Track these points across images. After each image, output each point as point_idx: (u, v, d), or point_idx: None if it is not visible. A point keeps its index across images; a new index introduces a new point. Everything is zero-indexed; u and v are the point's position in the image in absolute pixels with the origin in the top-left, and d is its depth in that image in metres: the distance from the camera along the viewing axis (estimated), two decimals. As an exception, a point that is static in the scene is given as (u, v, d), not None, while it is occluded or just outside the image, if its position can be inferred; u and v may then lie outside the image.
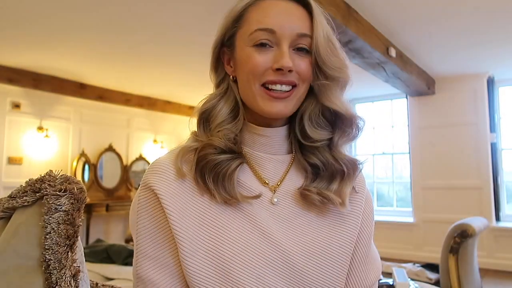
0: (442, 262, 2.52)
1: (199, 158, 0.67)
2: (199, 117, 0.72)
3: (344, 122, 0.71)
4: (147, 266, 0.65)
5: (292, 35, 0.67)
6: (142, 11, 2.97)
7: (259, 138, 0.72)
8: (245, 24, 0.69)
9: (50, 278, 0.67)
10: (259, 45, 0.67)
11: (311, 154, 0.72)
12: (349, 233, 0.71)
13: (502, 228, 4.59)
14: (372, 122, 5.86)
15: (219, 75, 0.75)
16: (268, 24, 0.67)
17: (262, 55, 0.67)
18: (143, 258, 0.65)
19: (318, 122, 0.72)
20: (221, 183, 0.66)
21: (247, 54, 0.68)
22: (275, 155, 0.73)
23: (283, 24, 0.67)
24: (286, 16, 0.68)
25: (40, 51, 3.85)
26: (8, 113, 4.52)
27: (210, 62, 0.75)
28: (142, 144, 6.02)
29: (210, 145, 0.67)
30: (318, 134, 0.71)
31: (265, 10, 0.68)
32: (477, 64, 4.43)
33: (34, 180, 0.72)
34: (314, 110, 0.72)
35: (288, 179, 0.73)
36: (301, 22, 0.68)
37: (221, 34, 0.72)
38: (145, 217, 0.66)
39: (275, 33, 0.66)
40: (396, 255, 4.96)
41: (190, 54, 3.90)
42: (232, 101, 0.72)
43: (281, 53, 0.66)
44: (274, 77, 0.66)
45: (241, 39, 0.69)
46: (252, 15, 0.69)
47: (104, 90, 5.21)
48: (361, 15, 3.08)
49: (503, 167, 4.86)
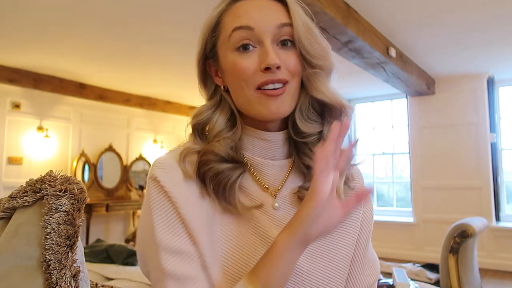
0: (442, 262, 2.52)
1: (201, 164, 0.65)
2: (193, 129, 0.70)
3: (333, 112, 0.69)
4: (175, 261, 0.60)
5: (272, 29, 0.65)
6: (143, 12, 2.97)
7: (259, 142, 0.71)
8: (223, 31, 0.67)
9: (50, 278, 0.67)
10: (241, 48, 0.65)
11: (305, 155, 0.71)
12: (350, 234, 0.71)
13: (502, 228, 4.59)
14: (372, 122, 5.86)
15: (210, 88, 0.73)
16: (244, 22, 0.65)
17: (246, 58, 0.65)
18: (167, 253, 0.60)
19: (309, 115, 0.70)
20: (221, 193, 0.65)
21: (231, 61, 0.66)
22: (275, 160, 0.72)
23: (260, 19, 0.65)
24: (261, 12, 0.66)
25: (40, 51, 3.85)
26: (8, 113, 4.52)
27: (197, 77, 0.73)
28: (142, 144, 6.02)
29: (212, 152, 0.65)
30: (308, 127, 0.69)
31: (239, 11, 0.66)
32: (477, 64, 4.43)
33: (35, 180, 0.72)
34: (304, 103, 0.70)
35: (288, 184, 0.72)
36: (278, 13, 0.66)
37: (202, 46, 0.70)
38: (159, 211, 0.63)
39: (253, 30, 0.64)
40: (396, 255, 4.96)
41: (190, 54, 3.88)
42: (227, 111, 0.70)
43: (265, 51, 0.64)
44: (264, 77, 0.64)
45: (223, 47, 0.67)
46: (227, 19, 0.67)
47: (104, 90, 5.21)
48: (361, 15, 3.08)
49: (503, 167, 4.86)
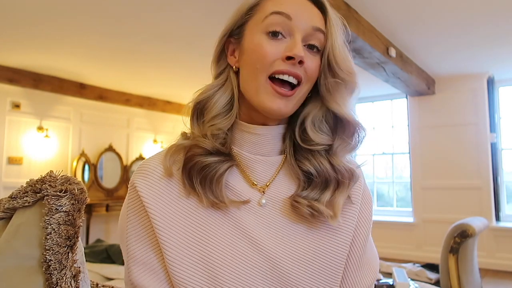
0: (442, 262, 2.52)
1: (187, 159, 0.65)
2: (194, 108, 0.70)
3: (346, 130, 0.69)
4: (138, 272, 0.63)
5: (307, 27, 0.65)
6: (142, 12, 2.97)
7: (249, 136, 0.69)
8: (260, 11, 0.67)
9: (50, 278, 0.67)
10: (271, 33, 0.64)
11: (306, 159, 0.69)
12: (340, 244, 0.68)
13: (502, 228, 4.59)
14: (372, 122, 5.86)
15: (220, 66, 0.72)
16: (286, 9, 0.64)
17: (273, 44, 0.64)
18: (133, 263, 0.63)
19: (321, 126, 0.69)
20: (208, 186, 0.64)
21: (257, 42, 0.65)
22: (265, 156, 0.71)
23: (301, 13, 0.65)
24: (303, 7, 0.66)
25: (40, 51, 3.85)
26: (8, 113, 4.52)
27: (214, 52, 0.72)
28: (142, 144, 6.02)
29: (198, 146, 0.65)
30: (319, 137, 0.68)
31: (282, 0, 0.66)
32: (477, 64, 4.43)
33: (35, 181, 0.72)
34: (317, 114, 0.69)
35: (277, 182, 0.70)
36: (317, 18, 0.67)
37: (231, 23, 0.70)
38: (133, 219, 0.64)
39: (291, 20, 0.64)
40: (396, 255, 4.96)
41: (190, 54, 3.90)
42: (229, 93, 0.69)
43: (294, 42, 0.64)
44: (283, 66, 0.63)
45: (253, 26, 0.67)
46: (268, 3, 0.67)
47: (104, 90, 5.21)
48: (361, 15, 3.08)
49: (503, 167, 4.86)
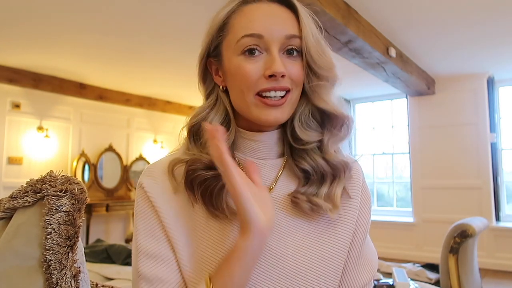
0: (442, 262, 2.52)
1: (188, 172, 0.66)
2: (189, 132, 0.71)
3: (334, 122, 0.70)
4: (151, 264, 0.64)
5: (281, 38, 0.65)
6: (142, 12, 2.97)
7: (250, 143, 0.71)
8: (230, 32, 0.67)
9: (50, 278, 0.67)
10: (247, 52, 0.65)
11: (301, 159, 0.70)
12: (342, 239, 0.70)
13: (502, 228, 4.59)
14: (372, 122, 5.86)
15: (208, 86, 0.73)
16: (255, 29, 0.64)
17: (252, 63, 0.65)
18: (145, 256, 0.65)
19: (308, 123, 0.70)
20: (209, 199, 0.65)
21: (236, 64, 0.65)
22: (266, 160, 0.72)
23: (270, 27, 0.65)
24: (272, 19, 0.65)
25: (40, 51, 3.85)
26: (8, 113, 4.52)
27: (198, 74, 0.73)
28: (142, 144, 6.02)
29: (199, 161, 0.66)
30: (308, 135, 0.69)
31: (250, 15, 0.66)
32: (477, 64, 4.43)
33: (35, 181, 0.72)
34: (304, 112, 0.71)
35: (280, 184, 0.72)
36: (288, 24, 0.66)
37: (207, 44, 0.70)
38: (143, 216, 0.67)
39: (263, 38, 0.64)
40: (396, 255, 4.96)
41: (190, 54, 3.90)
42: (222, 112, 0.71)
43: (271, 58, 0.64)
44: (267, 84, 0.64)
45: (228, 48, 0.67)
46: (236, 21, 0.66)
47: (104, 90, 5.21)
48: (361, 15, 3.08)
49: (503, 167, 4.86)
